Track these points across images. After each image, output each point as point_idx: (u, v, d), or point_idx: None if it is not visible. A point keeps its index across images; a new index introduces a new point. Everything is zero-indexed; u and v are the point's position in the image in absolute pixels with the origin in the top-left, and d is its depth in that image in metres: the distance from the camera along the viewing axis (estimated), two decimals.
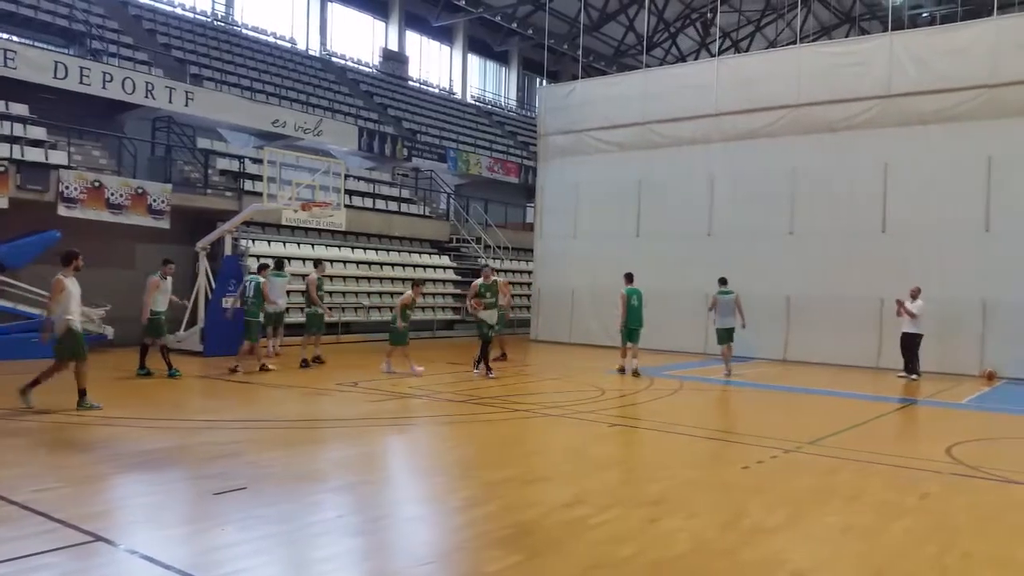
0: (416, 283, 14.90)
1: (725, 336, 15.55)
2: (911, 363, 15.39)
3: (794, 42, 27.57)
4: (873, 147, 17.86)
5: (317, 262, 17.13)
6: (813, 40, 33.37)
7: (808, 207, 18.68)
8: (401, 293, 22.86)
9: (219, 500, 6.19)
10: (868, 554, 5.41)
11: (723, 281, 15.74)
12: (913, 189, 17.32)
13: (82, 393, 9.53)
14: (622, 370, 15.10)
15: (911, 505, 6.63)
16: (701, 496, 6.76)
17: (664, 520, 5.99)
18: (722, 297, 15.48)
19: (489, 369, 14.08)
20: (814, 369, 17.11)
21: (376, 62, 34.32)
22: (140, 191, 16.94)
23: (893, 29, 20.01)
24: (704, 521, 5.98)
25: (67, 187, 15.89)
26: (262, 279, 14.32)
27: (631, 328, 15.03)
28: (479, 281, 14.28)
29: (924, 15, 33.09)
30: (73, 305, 9.50)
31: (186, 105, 20.42)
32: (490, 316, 14.19)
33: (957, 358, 16.47)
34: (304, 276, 16.85)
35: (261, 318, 14.18)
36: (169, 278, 13.02)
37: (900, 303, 15.42)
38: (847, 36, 33.84)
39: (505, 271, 25.89)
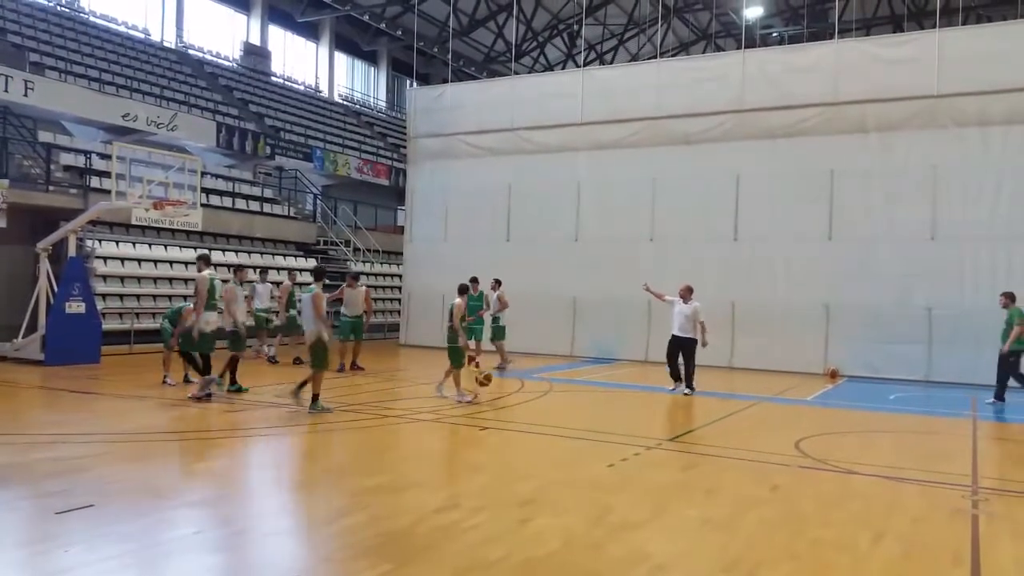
0: (465, 287, 12.92)
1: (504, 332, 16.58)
2: (690, 374, 13.47)
3: (655, 57, 28.71)
4: (727, 159, 18.82)
5: (290, 271, 17.74)
6: (672, 55, 34.88)
7: (667, 215, 19.46)
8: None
9: (62, 519, 5.73)
10: (726, 544, 5.67)
11: (498, 282, 16.75)
12: (763, 199, 18.38)
13: (315, 397, 10.47)
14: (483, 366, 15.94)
15: (764, 496, 7.00)
16: (569, 495, 6.88)
17: (534, 520, 6.05)
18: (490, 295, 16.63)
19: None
20: None
21: (237, 56, 33.03)
22: None
23: (746, 47, 21.18)
24: (572, 519, 6.09)
25: None
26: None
27: (475, 327, 16.22)
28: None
29: (774, 35, 35.27)
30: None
31: (25, 95, 18.90)
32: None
33: (803, 358, 17.60)
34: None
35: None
36: (245, 284, 12.83)
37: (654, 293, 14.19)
38: (704, 52, 35.58)
39: (375, 275, 25.54)
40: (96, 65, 23.81)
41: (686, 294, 13.47)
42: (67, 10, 26.96)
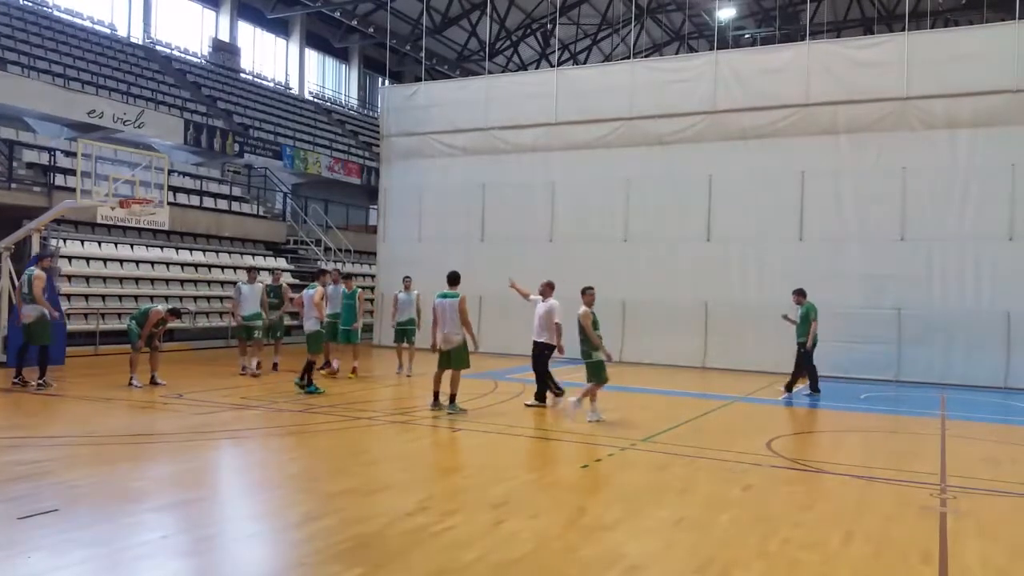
0: (585, 290, 11.02)
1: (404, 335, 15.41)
2: (545, 382, 11.88)
3: (628, 57, 28.79)
4: (700, 160, 18.89)
5: (324, 271, 16.67)
6: (645, 56, 35.02)
7: (641, 215, 19.51)
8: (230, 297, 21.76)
9: (25, 524, 5.59)
10: (698, 544, 5.67)
11: (407, 280, 15.81)
12: (735, 200, 18.48)
13: (452, 398, 10.99)
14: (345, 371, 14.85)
15: (736, 497, 7.03)
16: (543, 496, 6.86)
17: (508, 522, 6.01)
18: (404, 297, 15.38)
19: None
20: (647, 370, 17.87)
21: (205, 52, 32.60)
22: None
23: (718, 49, 21.30)
24: (546, 521, 6.06)
25: None
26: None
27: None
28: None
29: (746, 36, 35.55)
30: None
31: None
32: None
33: (775, 358, 17.65)
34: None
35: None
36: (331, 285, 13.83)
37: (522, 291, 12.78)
38: (677, 53, 35.77)
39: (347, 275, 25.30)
40: (61, 61, 23.37)
41: (546, 291, 11.70)
42: (31, 4, 26.43)
